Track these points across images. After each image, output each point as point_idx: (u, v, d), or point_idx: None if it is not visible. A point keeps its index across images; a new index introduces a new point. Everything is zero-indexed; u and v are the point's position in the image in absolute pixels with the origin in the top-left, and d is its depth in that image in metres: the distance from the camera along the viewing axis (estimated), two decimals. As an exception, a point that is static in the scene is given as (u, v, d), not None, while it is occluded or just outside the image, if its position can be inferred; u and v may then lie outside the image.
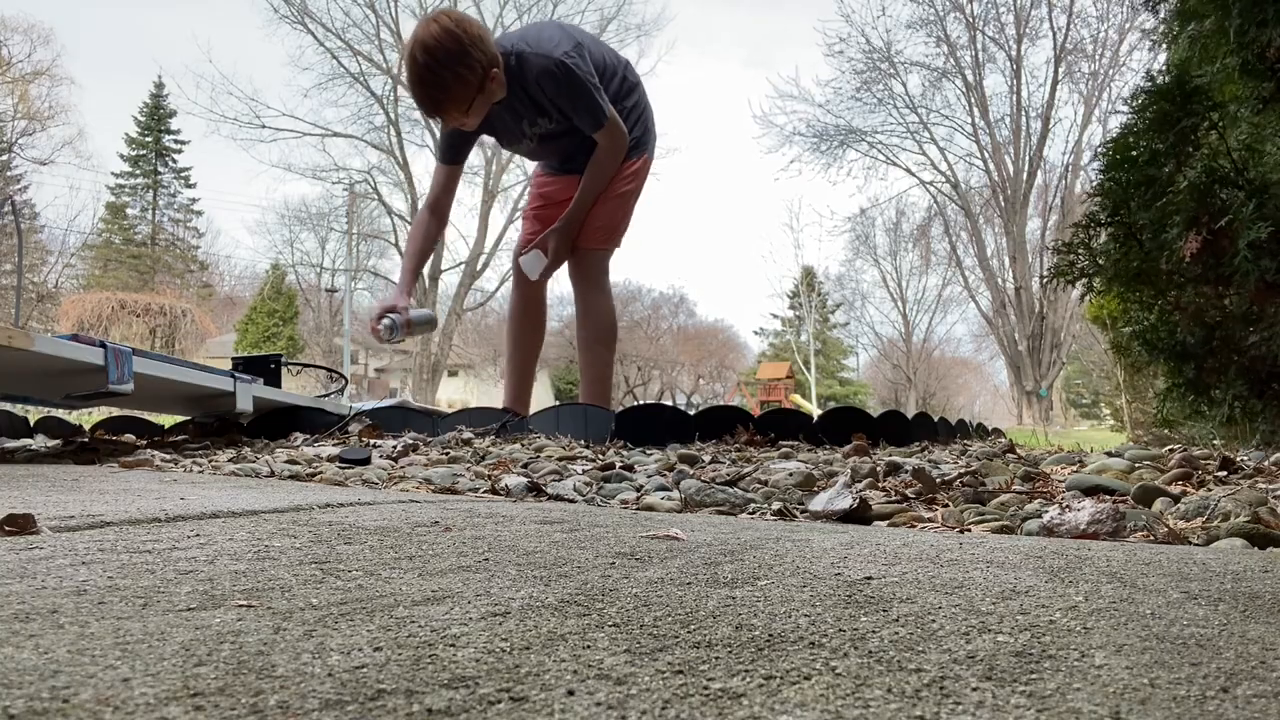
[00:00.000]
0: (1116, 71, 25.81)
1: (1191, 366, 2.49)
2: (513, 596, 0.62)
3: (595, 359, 3.08)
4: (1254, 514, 1.10)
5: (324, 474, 1.77)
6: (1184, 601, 0.63)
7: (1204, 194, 2.06)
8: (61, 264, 32.60)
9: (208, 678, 0.42)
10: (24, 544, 0.80)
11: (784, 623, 0.55)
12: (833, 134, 28.35)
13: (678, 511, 1.31)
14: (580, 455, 2.06)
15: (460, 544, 0.85)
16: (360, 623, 0.53)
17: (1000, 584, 0.68)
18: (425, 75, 2.51)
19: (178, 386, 2.48)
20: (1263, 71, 2.22)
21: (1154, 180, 2.21)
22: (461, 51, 2.48)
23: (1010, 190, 27.38)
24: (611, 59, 2.94)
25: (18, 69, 29.41)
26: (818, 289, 41.82)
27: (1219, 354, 2.43)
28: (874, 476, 1.59)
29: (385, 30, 25.47)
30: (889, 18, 44.49)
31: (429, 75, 2.50)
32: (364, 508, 1.16)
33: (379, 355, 36.55)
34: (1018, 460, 1.93)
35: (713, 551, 0.83)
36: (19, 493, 1.24)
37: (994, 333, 29.89)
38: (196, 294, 33.54)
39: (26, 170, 31.16)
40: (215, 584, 0.64)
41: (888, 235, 35.91)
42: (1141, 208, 2.25)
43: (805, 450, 2.21)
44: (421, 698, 0.40)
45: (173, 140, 36.97)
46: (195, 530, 0.92)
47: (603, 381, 3.10)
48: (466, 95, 2.55)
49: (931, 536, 1.00)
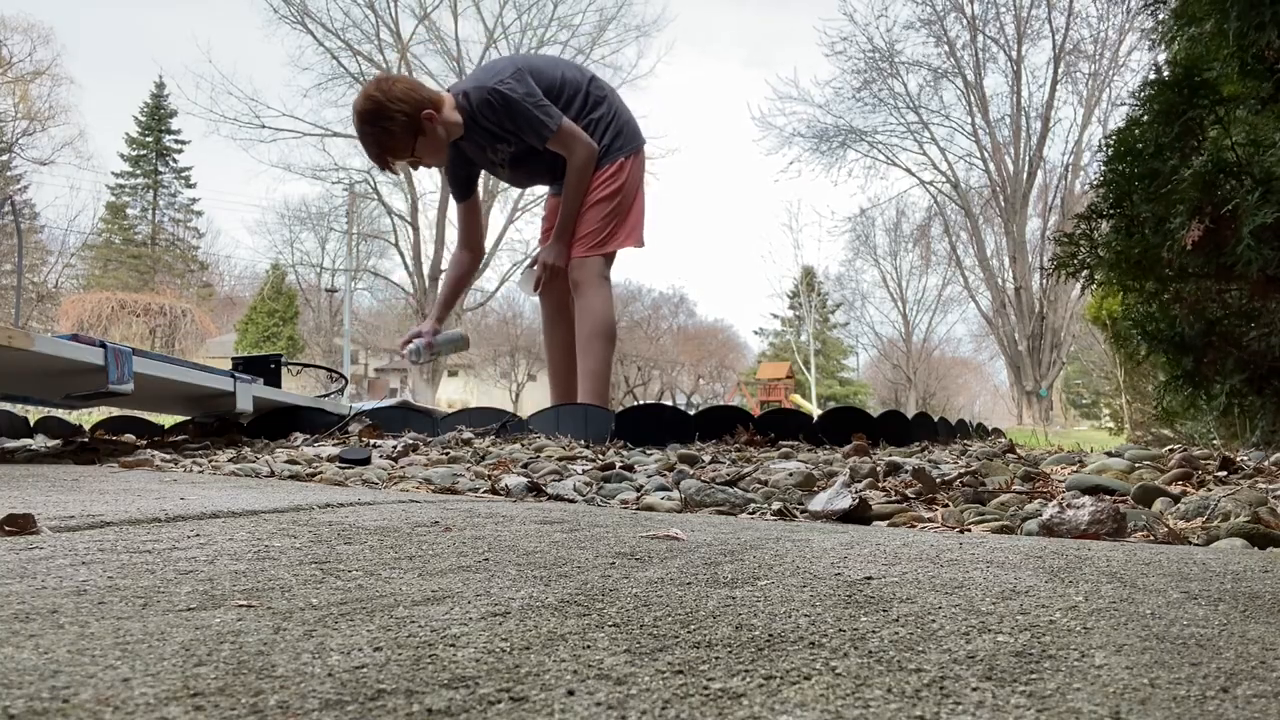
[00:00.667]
0: (1116, 72, 25.83)
1: (1190, 359, 2.49)
2: (513, 596, 0.62)
3: (592, 357, 3.16)
4: (1254, 514, 1.10)
5: (324, 474, 1.77)
6: (1184, 601, 0.63)
7: (1209, 183, 2.05)
8: (61, 264, 32.61)
9: (208, 678, 0.42)
10: (24, 544, 0.80)
11: (784, 623, 0.55)
12: (833, 134, 28.38)
13: (678, 511, 1.31)
14: (580, 455, 2.06)
15: (460, 544, 0.85)
16: (360, 623, 0.53)
17: (1000, 584, 0.68)
18: (361, 135, 2.96)
19: (178, 386, 2.48)
20: (1262, 72, 2.23)
21: (1158, 173, 2.21)
22: (380, 110, 2.89)
23: (1010, 190, 27.38)
24: (574, 75, 3.21)
25: (18, 69, 29.41)
26: (818, 289, 41.83)
27: (1218, 347, 2.43)
28: (874, 476, 1.59)
29: (385, 30, 25.49)
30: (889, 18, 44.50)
31: (363, 135, 2.96)
32: (364, 508, 1.16)
33: (379, 355, 36.57)
34: (1018, 460, 1.93)
35: (713, 551, 0.83)
36: (19, 493, 1.24)
37: (994, 333, 29.89)
38: (196, 294, 33.56)
39: (26, 170, 31.18)
40: (215, 584, 0.64)
41: (888, 235, 35.94)
42: (1144, 199, 2.25)
43: (805, 450, 2.21)
44: (421, 698, 0.40)
45: (173, 140, 36.99)
46: (195, 530, 0.92)
47: (600, 380, 3.16)
48: (402, 143, 2.93)
49: (931, 536, 1.00)
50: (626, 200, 3.23)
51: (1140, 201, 2.27)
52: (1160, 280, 2.42)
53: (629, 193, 3.23)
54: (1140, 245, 2.29)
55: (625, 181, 3.21)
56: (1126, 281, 2.44)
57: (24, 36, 29.61)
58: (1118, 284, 2.49)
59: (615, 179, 3.20)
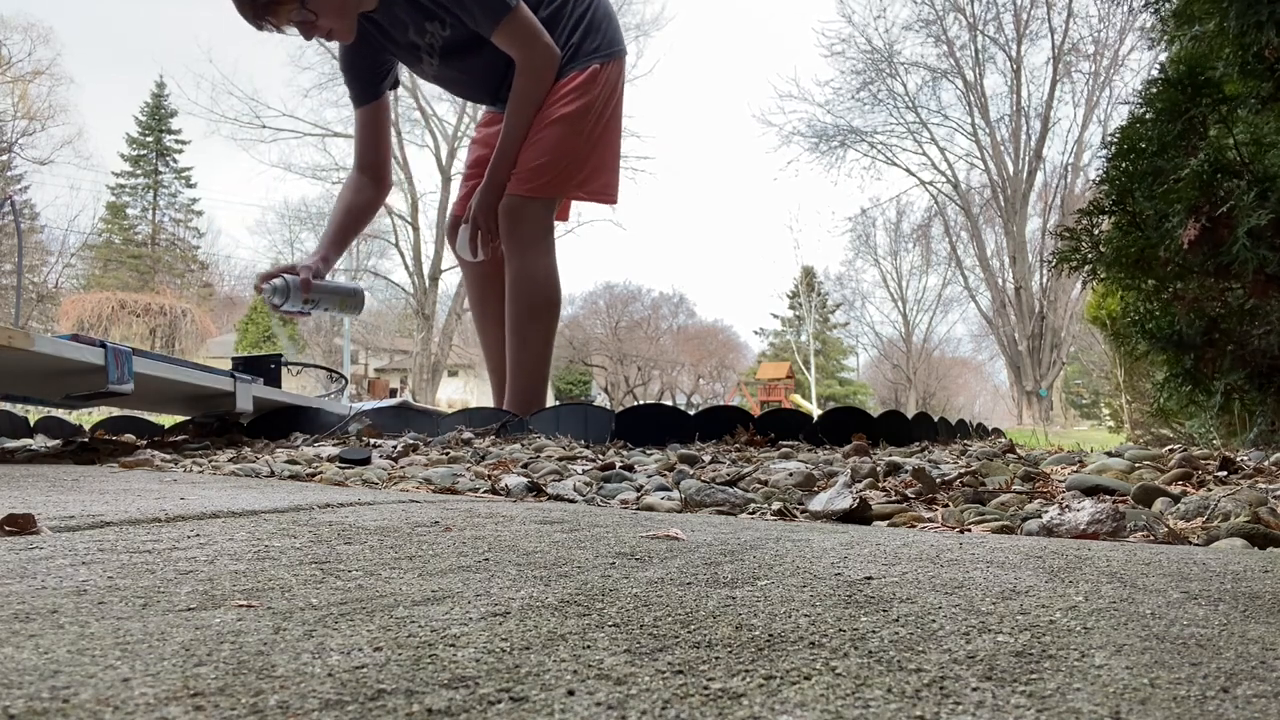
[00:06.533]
0: (1116, 72, 25.85)
1: (1190, 357, 2.49)
2: (513, 596, 0.62)
3: (526, 344, 2.41)
4: (1254, 514, 1.10)
5: (324, 474, 1.77)
6: (1184, 601, 0.63)
7: (1206, 183, 2.06)
8: (61, 264, 32.62)
9: (208, 678, 0.42)
10: (24, 544, 0.80)
11: (784, 623, 0.55)
12: (832, 134, 28.40)
13: (678, 511, 1.31)
14: (580, 455, 2.06)
15: (460, 544, 0.85)
16: (360, 623, 0.53)
17: (1000, 584, 0.68)
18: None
19: (178, 386, 2.48)
20: (1262, 71, 2.23)
21: (1160, 170, 2.21)
22: None
23: (1010, 190, 27.39)
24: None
25: (17, 68, 29.41)
26: (818, 289, 41.84)
27: (1219, 345, 2.44)
28: (874, 476, 1.59)
29: (385, 30, 25.41)
30: (888, 19, 44.53)
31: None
32: (364, 508, 1.16)
33: (379, 355, 36.54)
34: (1018, 460, 1.93)
35: (713, 551, 0.83)
36: (19, 493, 1.24)
37: (994, 333, 29.91)
38: (196, 294, 33.58)
39: (26, 170, 31.19)
40: (215, 584, 0.64)
41: (888, 235, 35.98)
42: (1146, 197, 2.25)
43: (805, 450, 2.21)
44: (421, 698, 0.40)
45: (173, 140, 37.00)
46: (195, 530, 0.92)
47: (535, 376, 2.43)
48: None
49: (931, 536, 1.00)
50: (593, 125, 2.35)
51: (1142, 199, 2.27)
52: (1160, 279, 2.42)
53: (598, 115, 2.35)
54: (1140, 243, 2.29)
55: (595, 97, 2.33)
56: (1126, 279, 2.44)
57: (23, 36, 29.65)
58: (1116, 282, 2.49)
59: (581, 93, 2.31)
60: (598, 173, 2.42)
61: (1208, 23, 2.27)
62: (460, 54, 2.35)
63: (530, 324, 2.38)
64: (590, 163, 2.39)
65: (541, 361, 2.45)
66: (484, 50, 2.29)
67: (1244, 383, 2.42)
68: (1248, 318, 2.41)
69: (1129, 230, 2.34)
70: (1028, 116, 27.39)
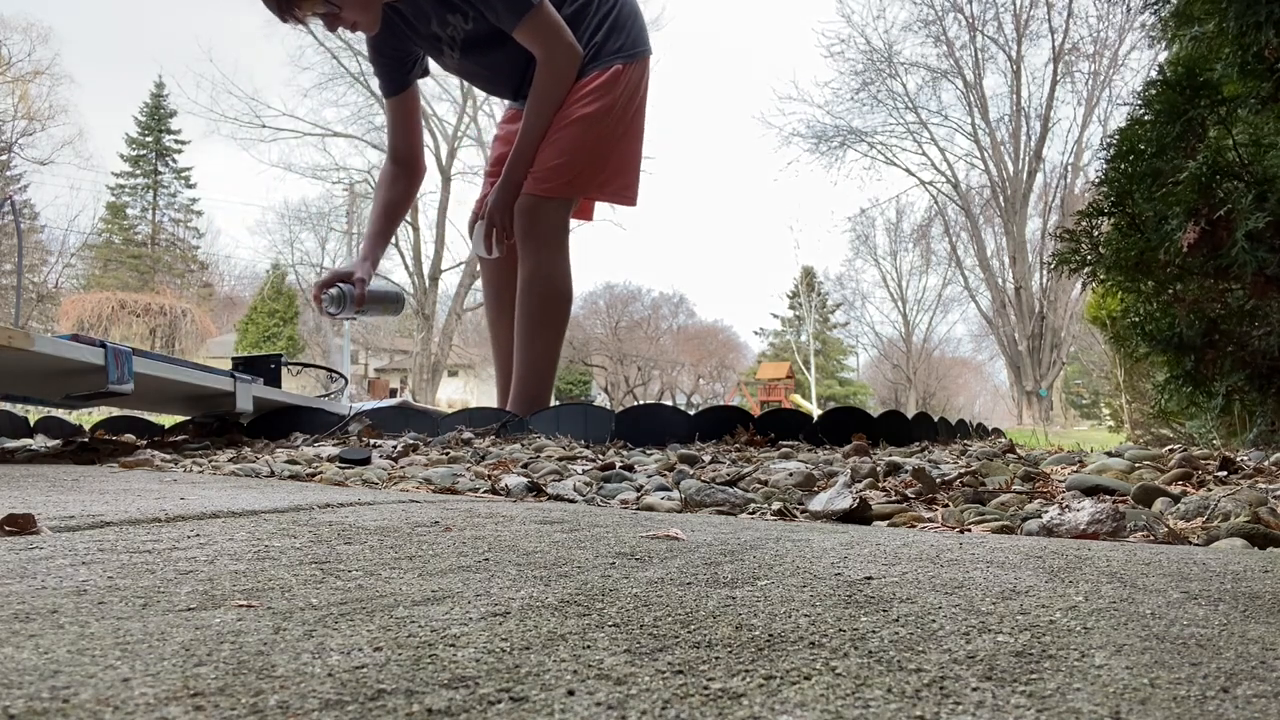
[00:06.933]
0: (1116, 71, 25.87)
1: (1191, 358, 2.49)
2: (513, 596, 0.62)
3: (533, 345, 2.41)
4: (1254, 514, 1.10)
5: (324, 474, 1.77)
6: (1184, 601, 0.63)
7: (1205, 185, 2.06)
8: (61, 264, 32.64)
9: (208, 678, 0.42)
10: (24, 544, 0.80)
11: (784, 623, 0.55)
12: (832, 135, 28.41)
13: (678, 511, 1.31)
14: (580, 455, 2.06)
15: (460, 544, 0.85)
16: (360, 623, 0.53)
17: (1000, 584, 0.68)
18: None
19: (178, 386, 2.48)
20: (1261, 71, 2.23)
21: (1160, 172, 2.21)
22: None
23: (1010, 190, 27.40)
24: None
25: (17, 68, 29.42)
26: (818, 289, 41.86)
27: (1219, 346, 2.44)
28: (874, 476, 1.59)
29: (385, 30, 25.42)
30: (887, 19, 44.54)
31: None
32: (364, 508, 1.16)
33: (379, 355, 36.54)
34: (1018, 460, 1.93)
35: (713, 551, 0.83)
36: (19, 493, 1.24)
37: (994, 333, 29.92)
38: (196, 294, 33.60)
39: (26, 170, 31.20)
40: (215, 584, 0.64)
41: (888, 235, 36.00)
42: (1145, 199, 2.25)
43: (805, 450, 2.21)
44: (421, 698, 0.40)
45: (173, 140, 37.00)
46: (195, 530, 0.92)
47: (541, 379, 2.44)
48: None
49: (931, 536, 1.00)
50: (615, 126, 2.33)
51: (1141, 201, 2.27)
52: (1159, 281, 2.43)
53: (621, 116, 2.33)
54: (1139, 245, 2.29)
55: (616, 98, 2.31)
56: (1125, 282, 2.45)
57: (23, 36, 29.66)
58: (1116, 285, 2.49)
59: (602, 93, 2.29)
60: (617, 174, 2.40)
61: (1207, 23, 2.27)
62: (482, 48, 2.34)
63: (540, 323, 2.38)
64: (610, 164, 2.38)
65: (548, 361, 2.45)
66: (506, 45, 2.28)
67: (1244, 384, 2.42)
68: (1248, 319, 2.41)
69: (1128, 232, 2.34)
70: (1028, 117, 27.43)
